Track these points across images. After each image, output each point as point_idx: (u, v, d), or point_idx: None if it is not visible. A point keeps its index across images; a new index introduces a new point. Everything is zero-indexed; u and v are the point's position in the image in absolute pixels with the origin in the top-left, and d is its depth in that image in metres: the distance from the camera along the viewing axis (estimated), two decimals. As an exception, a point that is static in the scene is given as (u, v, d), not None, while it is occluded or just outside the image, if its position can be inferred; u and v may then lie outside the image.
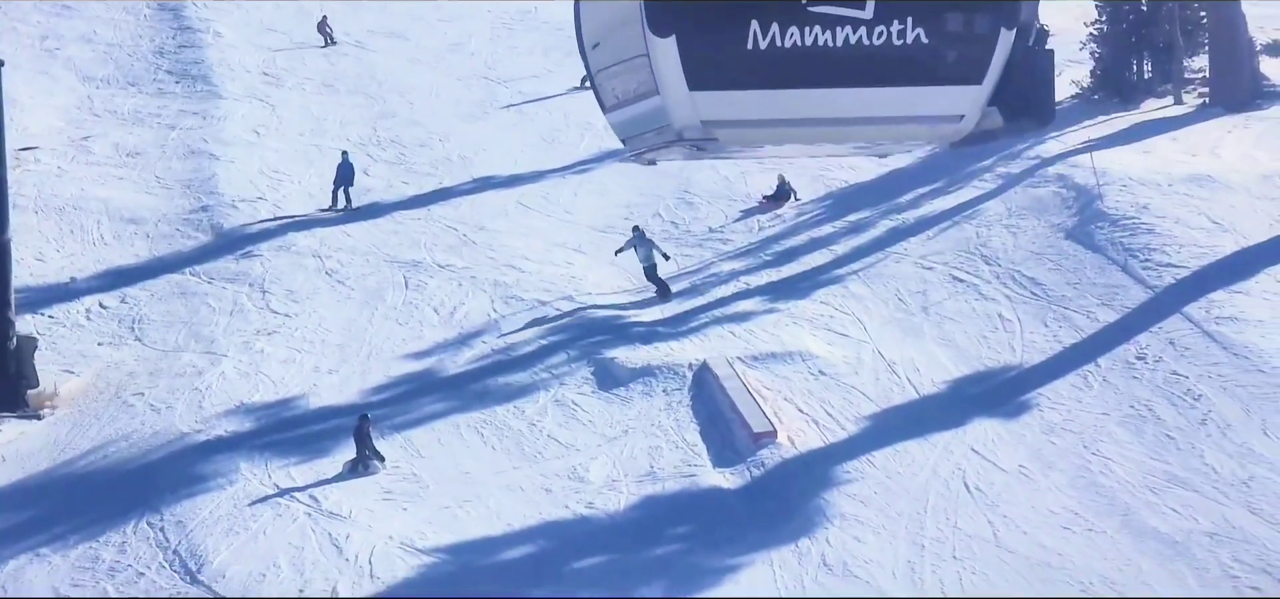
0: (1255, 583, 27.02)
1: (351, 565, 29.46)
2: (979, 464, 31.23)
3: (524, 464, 32.97)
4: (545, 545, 30.04)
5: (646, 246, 40.24)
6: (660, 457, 32.77)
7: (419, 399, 36.01)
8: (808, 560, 28.85)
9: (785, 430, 32.94)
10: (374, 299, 41.21)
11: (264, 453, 33.80)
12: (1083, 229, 40.15)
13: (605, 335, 38.03)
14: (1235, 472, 29.97)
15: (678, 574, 28.67)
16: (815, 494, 30.75)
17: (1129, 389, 33.23)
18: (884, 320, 37.77)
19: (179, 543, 30.66)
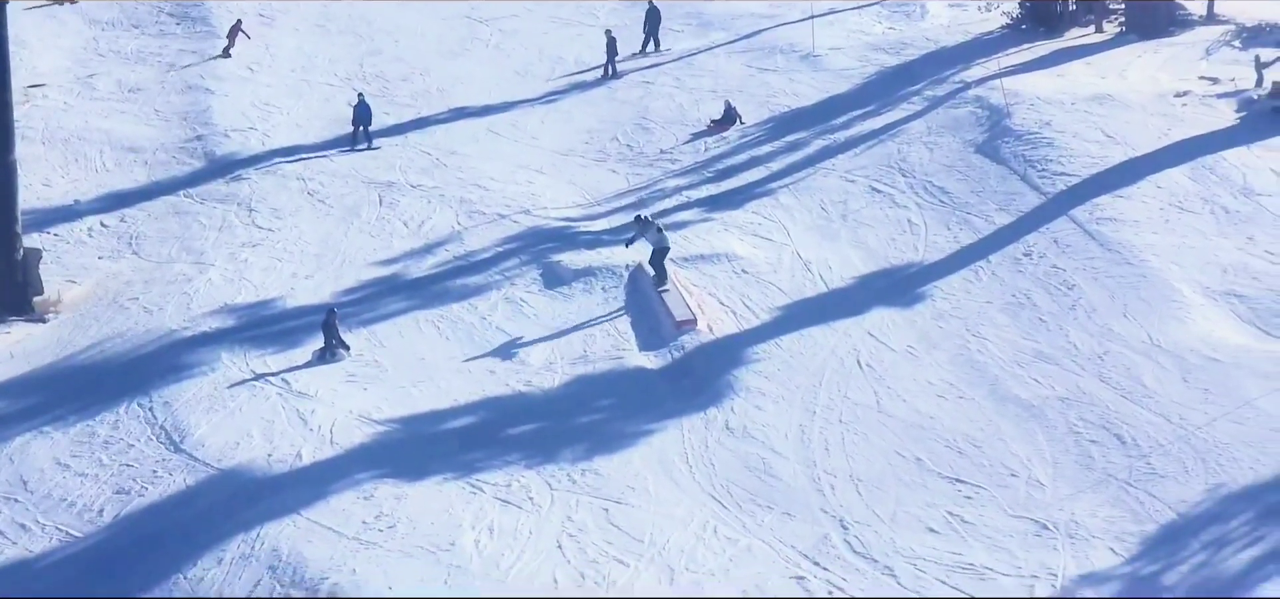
0: (1095, 437, 31.09)
1: (315, 435, 33.74)
2: (872, 345, 35.43)
3: (473, 351, 37.28)
4: (485, 416, 34.31)
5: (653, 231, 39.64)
6: (593, 343, 37.05)
7: (384, 299, 40.24)
8: (713, 426, 33.07)
9: (705, 320, 37.13)
10: (350, 215, 45.40)
11: (243, 345, 38.01)
12: (991, 144, 44.29)
13: (555, 243, 42.24)
14: (1093, 348, 34.12)
15: (598, 438, 32.94)
16: (726, 372, 34.91)
17: (1013, 281, 37.38)
18: (806, 227, 41.91)
19: (165, 420, 34.90)
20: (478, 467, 31.79)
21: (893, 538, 28.51)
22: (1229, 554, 27.05)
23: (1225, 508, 28.25)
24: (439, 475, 31.45)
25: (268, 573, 28.59)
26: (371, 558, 28.60)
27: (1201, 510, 28.35)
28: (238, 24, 58.91)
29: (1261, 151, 41.53)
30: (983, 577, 27.15)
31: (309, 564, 28.56)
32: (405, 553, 28.74)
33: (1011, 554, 27.74)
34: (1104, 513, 28.60)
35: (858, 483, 30.25)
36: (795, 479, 30.68)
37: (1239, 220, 38.52)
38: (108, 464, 33.10)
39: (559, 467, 31.68)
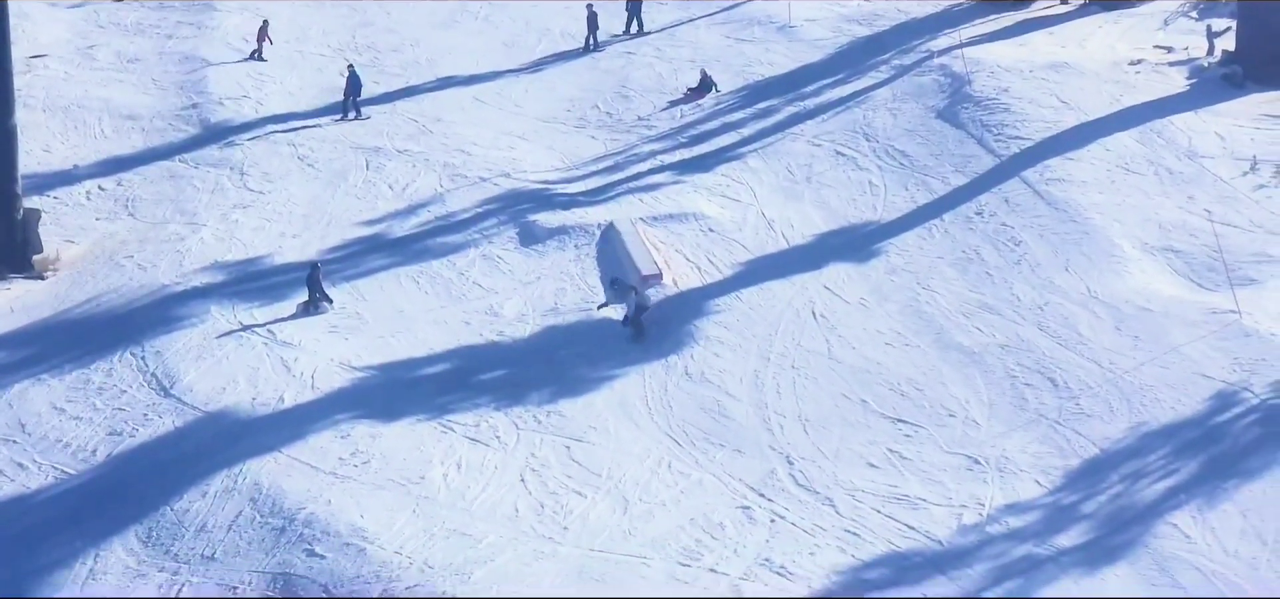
0: (1029, 380, 33.14)
1: (297, 380, 35.83)
2: (827, 297, 37.48)
3: (450, 304, 39.26)
4: (459, 363, 36.38)
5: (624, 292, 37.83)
6: (564, 296, 39.11)
7: (367, 256, 42.29)
8: (673, 371, 35.12)
9: (671, 273, 39.18)
10: (338, 178, 47.43)
11: (232, 299, 40.07)
12: (951, 110, 46.31)
13: (532, 204, 44.27)
14: (1035, 299, 36.17)
15: (564, 383, 35.01)
16: (688, 322, 36.95)
17: (964, 237, 39.42)
18: (772, 188, 43.94)
19: (156, 368, 36.98)
20: (449, 408, 33.76)
21: (835, 472, 30.48)
22: (1144, 485, 29.02)
23: (1144, 444, 30.25)
24: (412, 416, 33.43)
25: (249, 504, 30.63)
26: (346, 490, 30.63)
27: (1122, 446, 30.31)
28: (264, 25, 59.55)
29: (1208, 116, 43.47)
30: (915, 507, 29.11)
31: (287, 496, 30.59)
32: (377, 485, 30.76)
33: (944, 487, 29.72)
34: (1032, 449, 30.56)
35: (805, 423, 32.22)
36: (747, 419, 32.64)
37: (1181, 181, 40.49)
38: (101, 408, 35.03)
39: (525, 408, 33.68)
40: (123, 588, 28.84)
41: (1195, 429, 30.27)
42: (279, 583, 28.15)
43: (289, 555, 28.76)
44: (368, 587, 27.30)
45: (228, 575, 28.64)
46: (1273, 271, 35.79)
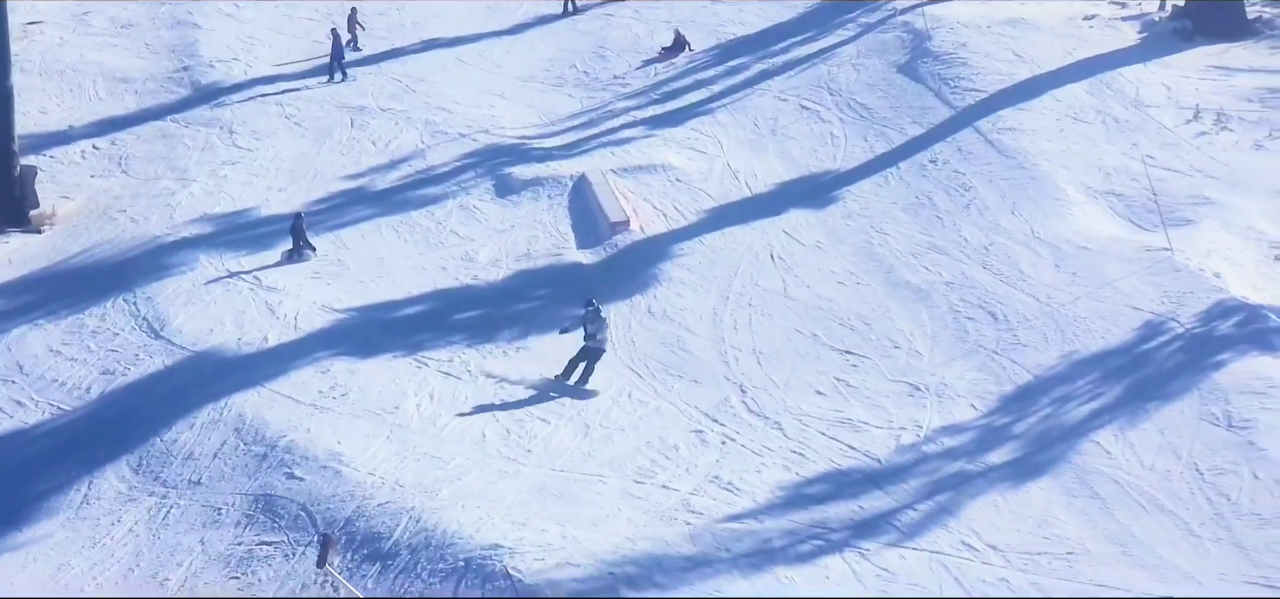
0: (971, 315, 35.18)
1: (281, 322, 37.89)
2: (785, 241, 39.50)
3: (428, 251, 41.28)
4: (435, 305, 38.43)
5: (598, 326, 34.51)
6: (537, 242, 41.15)
7: (350, 208, 44.33)
8: (637, 310, 37.17)
9: (638, 220, 41.21)
10: (323, 136, 49.44)
11: (220, 248, 42.12)
12: (911, 64, 48.30)
13: (509, 157, 46.29)
14: (981, 240, 38.18)
15: (533, 321, 37.06)
16: (653, 265, 38.98)
17: (917, 184, 41.43)
18: (738, 141, 45.95)
19: (147, 312, 39.03)
20: (424, 345, 35.81)
21: (784, 399, 32.53)
22: (1071, 408, 31.05)
23: (1074, 370, 32.28)
24: (389, 353, 35.48)
25: (233, 434, 32.69)
26: (324, 420, 32.69)
27: (1054, 373, 32.34)
28: (354, 13, 59.46)
29: (1156, 68, 45.48)
30: (858, 429, 31.15)
31: (269, 425, 32.64)
32: (354, 415, 32.83)
33: (886, 411, 31.75)
34: (970, 377, 32.60)
35: (759, 355, 34.27)
36: (705, 353, 34.68)
37: (1127, 129, 42.49)
38: (95, 350, 37.05)
39: (496, 345, 35.75)
40: (114, 511, 30.71)
41: (1122, 356, 32.17)
42: (260, 504, 30.03)
43: (270, 479, 30.72)
44: (343, 505, 29.25)
45: (212, 498, 30.61)
46: (1208, 213, 37.69)
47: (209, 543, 29.46)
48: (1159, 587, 25.26)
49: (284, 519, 29.31)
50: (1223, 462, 28.37)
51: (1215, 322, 32.73)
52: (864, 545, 27.20)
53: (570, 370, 33.75)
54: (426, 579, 26.85)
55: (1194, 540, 26.51)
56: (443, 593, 26.29)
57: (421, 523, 28.26)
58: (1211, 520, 26.95)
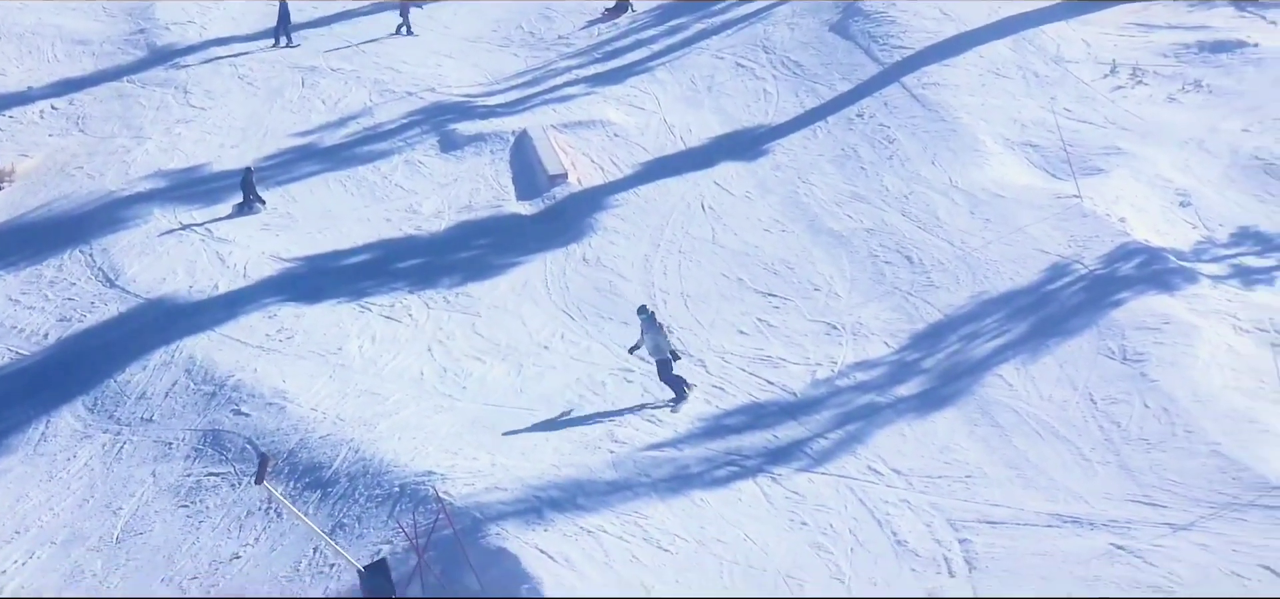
0: (889, 259, 37.01)
1: (231, 270, 39.61)
2: (716, 192, 41.30)
3: (373, 204, 43.01)
4: (378, 254, 40.16)
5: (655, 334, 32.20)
6: (478, 195, 42.90)
7: (299, 164, 46.02)
8: (572, 258, 38.94)
9: (576, 173, 42.98)
10: (275, 95, 51.07)
11: (173, 202, 43.79)
12: (843, 23, 50.06)
13: (454, 114, 47.98)
14: (901, 189, 40.01)
15: (473, 269, 38.81)
16: (589, 215, 40.75)
17: (844, 137, 43.24)
18: (675, 97, 47.68)
19: (103, 262, 40.72)
20: (367, 292, 37.60)
21: (708, 339, 34.35)
22: (978, 345, 32.91)
23: (983, 310, 34.14)
24: (333, 299, 37.26)
25: (184, 374, 34.45)
26: (270, 361, 34.46)
27: (963, 312, 34.20)
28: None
29: (1077, 25, 47.28)
30: (776, 366, 32.97)
31: (218, 366, 34.41)
32: (299, 357, 34.60)
33: (803, 349, 33.59)
34: (885, 316, 34.46)
35: (687, 298, 36.10)
36: (635, 297, 36.44)
37: (1046, 83, 44.34)
38: (52, 299, 38.75)
39: (437, 291, 37.51)
40: (70, 447, 32.46)
41: (1028, 297, 34.05)
42: (208, 438, 31.81)
43: (218, 415, 32.51)
44: (287, 438, 31.05)
45: (164, 434, 32.38)
46: (1118, 163, 39.55)
47: (160, 475, 31.17)
48: (1048, 505, 26.98)
49: (231, 452, 31.05)
50: (1116, 392, 30.14)
51: (1117, 263, 34.55)
52: (776, 471, 28.95)
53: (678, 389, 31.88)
54: (363, 504, 28.64)
55: (1084, 464, 28.31)
56: (379, 517, 27.97)
57: (360, 453, 30.00)
58: (1102, 445, 28.72)
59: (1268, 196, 37.81)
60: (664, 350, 31.51)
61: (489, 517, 27.33)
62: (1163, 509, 26.56)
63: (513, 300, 36.42)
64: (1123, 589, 24.26)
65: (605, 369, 33.03)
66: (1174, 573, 24.79)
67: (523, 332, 35.06)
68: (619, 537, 26.93)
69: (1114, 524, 26.31)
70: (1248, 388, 29.70)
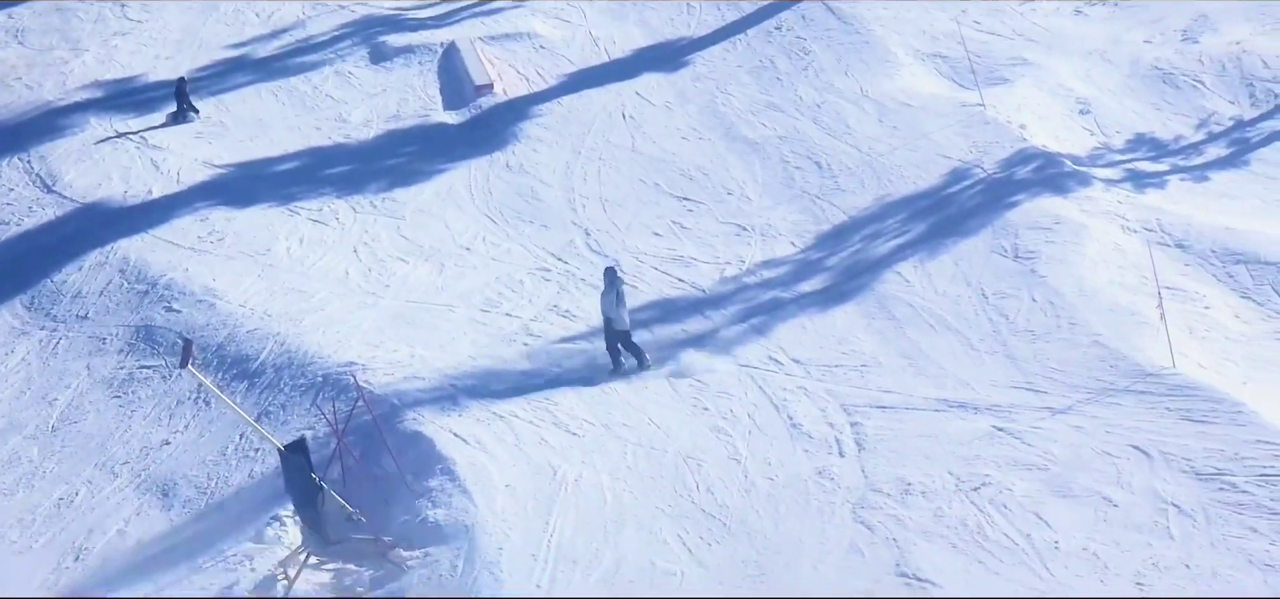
0: (799, 165, 38.59)
1: (164, 177, 40.94)
2: (637, 101, 42.76)
3: (304, 113, 44.32)
4: (309, 162, 41.53)
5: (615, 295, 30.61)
6: (406, 105, 44.26)
7: (232, 75, 47.23)
8: (496, 165, 40.37)
9: (502, 84, 44.37)
10: (210, 8, 52.13)
11: (109, 111, 45.01)
12: (765, -61, 51.46)
13: (383, 27, 49.22)
14: (814, 99, 41.54)
15: (399, 175, 40.20)
16: (513, 125, 42.16)
17: (762, 49, 44.71)
18: (601, 11, 48.98)
19: (40, 170, 41.98)
20: (296, 197, 38.98)
21: (624, 240, 35.89)
22: (879, 244, 34.54)
23: (885, 211, 35.77)
24: (263, 203, 38.66)
25: (118, 275, 35.84)
26: (202, 261, 35.87)
27: (867, 214, 35.81)
28: None
29: (991, -59, 48.79)
30: (688, 265, 34.54)
31: (151, 266, 35.81)
32: (229, 257, 36.02)
33: (714, 249, 35.15)
34: (793, 219, 36.05)
35: (605, 203, 37.61)
36: (555, 201, 37.98)
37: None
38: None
39: (363, 196, 38.92)
40: (8, 344, 33.89)
41: (929, 199, 35.70)
42: (141, 334, 33.26)
43: (150, 312, 33.95)
44: (216, 332, 32.55)
45: (98, 330, 33.82)
46: (1023, 73, 41.20)
47: (94, 368, 32.61)
48: (937, 392, 28.68)
49: (163, 346, 32.51)
50: (1006, 287, 31.84)
51: (1015, 168, 36.23)
52: (684, 361, 30.44)
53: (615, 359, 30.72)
54: (288, 393, 30.17)
55: (973, 353, 29.99)
56: (302, 405, 29.50)
57: (285, 346, 31.53)
58: (990, 336, 30.41)
59: (1164, 105, 39.43)
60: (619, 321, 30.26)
61: (406, 403, 28.81)
62: (1043, 395, 28.04)
63: (437, 205, 37.73)
64: (1000, 468, 25.77)
65: (524, 269, 34.49)
66: (1049, 452, 26.31)
67: (446, 234, 36.37)
68: (529, 421, 28.45)
69: (997, 408, 27.76)
70: (1131, 284, 31.27)
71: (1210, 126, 38.22)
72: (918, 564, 23.84)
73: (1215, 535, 23.81)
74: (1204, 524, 24.10)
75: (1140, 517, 24.44)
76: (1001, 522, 24.66)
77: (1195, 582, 22.80)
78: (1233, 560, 23.24)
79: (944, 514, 24.96)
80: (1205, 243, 33.18)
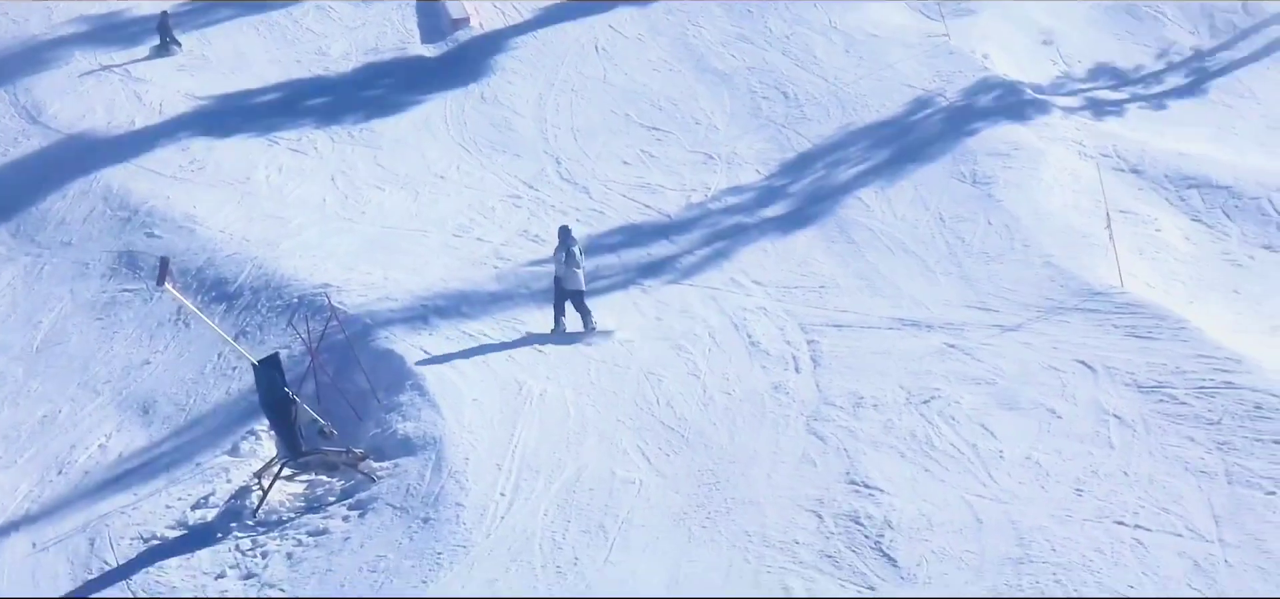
0: (767, 95, 39.52)
1: (147, 108, 41.87)
2: (610, 34, 43.63)
3: (285, 47, 45.21)
4: (288, 93, 42.44)
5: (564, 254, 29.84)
6: (384, 38, 45.15)
7: (214, 9, 48.06)
8: (471, 97, 41.27)
9: (478, 17, 45.25)
10: (192, -55, 53.03)
11: (93, 46, 45.90)
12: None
13: (364, -38, 50.09)
14: (784, 30, 42.40)
15: (377, 107, 41.11)
16: (489, 58, 43.06)
17: (733, -17, 45.56)
18: (577, -54, 49.86)
19: (26, 102, 42.93)
20: (276, 127, 39.93)
21: (594, 168, 36.85)
22: (841, 171, 35.48)
23: (849, 139, 36.70)
24: (244, 134, 39.61)
25: (101, 202, 36.82)
26: (183, 190, 36.84)
27: (831, 142, 36.75)
28: None
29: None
30: (655, 192, 35.49)
31: (133, 194, 36.77)
32: (210, 186, 36.99)
33: (681, 177, 36.11)
34: (759, 147, 36.99)
35: (576, 132, 38.55)
36: (528, 131, 38.92)
37: (927, -71, 46.69)
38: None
39: (342, 127, 39.87)
40: (-6, 269, 34.86)
41: (892, 127, 36.64)
42: (123, 259, 34.26)
43: (132, 238, 34.94)
44: (196, 257, 33.53)
45: (81, 256, 34.84)
46: (989, 4, 42.13)
47: (77, 292, 33.63)
48: (892, 311, 29.67)
49: (143, 270, 33.50)
50: (963, 211, 32.79)
51: (976, 96, 37.18)
52: (646, 283, 31.54)
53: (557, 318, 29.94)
54: (265, 314, 31.19)
55: (929, 275, 30.95)
56: (278, 325, 30.52)
57: (263, 269, 32.53)
58: (946, 258, 31.38)
59: (1126, 35, 40.36)
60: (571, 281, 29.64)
61: (379, 323, 29.82)
62: (995, 313, 29.01)
63: (413, 135, 38.67)
64: (950, 382, 26.75)
65: (496, 196, 35.44)
66: (998, 367, 27.25)
67: (421, 163, 37.30)
68: (497, 340, 29.49)
69: (949, 326, 28.74)
70: (1085, 208, 32.23)
71: (1170, 56, 39.14)
72: (866, 472, 24.68)
73: (1153, 444, 24.54)
74: (1143, 433, 24.84)
75: (1082, 427, 25.18)
76: (949, 432, 25.49)
77: (1132, 487, 23.60)
78: (1169, 468, 23.99)
79: (894, 426, 25.75)
80: (1159, 168, 33.97)
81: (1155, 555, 21.82)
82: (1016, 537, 22.49)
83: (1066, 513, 22.93)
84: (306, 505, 25.65)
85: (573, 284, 29.36)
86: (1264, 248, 31.15)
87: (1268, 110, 36.62)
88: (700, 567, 22.68)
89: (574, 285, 29.37)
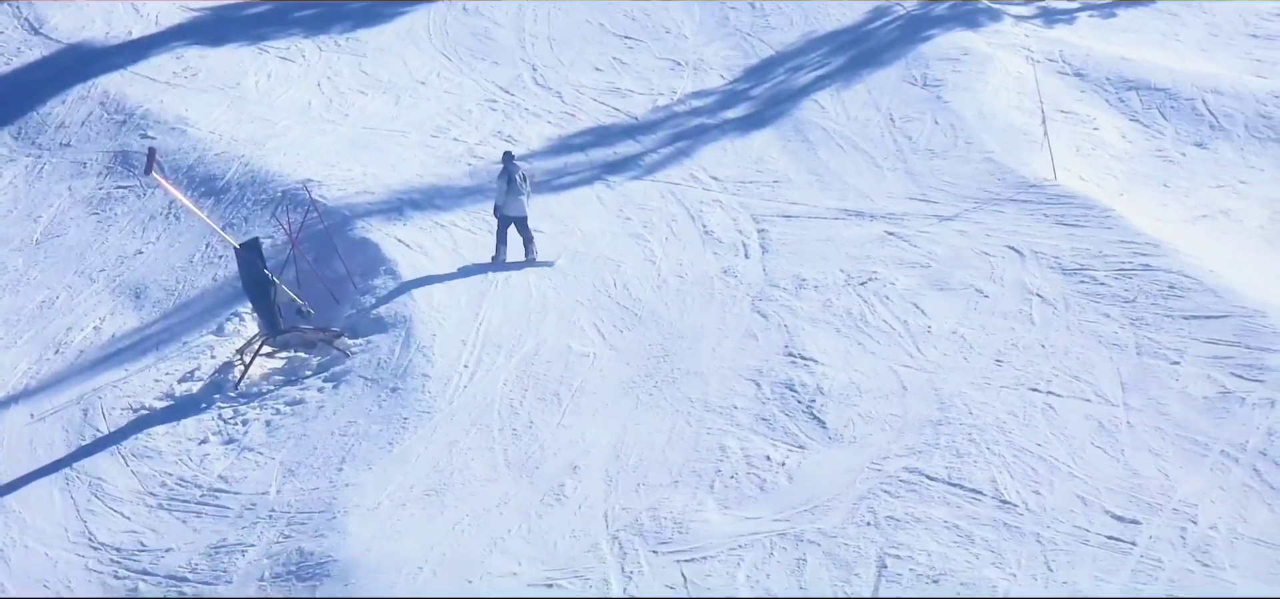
0: (734, 5, 41.39)
1: (144, 19, 43.80)
2: (588, -51, 45.37)
3: (277, -37, 47.09)
4: (279, 4, 44.33)
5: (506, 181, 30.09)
6: (372, -47, 46.92)
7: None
8: (453, 8, 42.85)
9: (462, -66, 46.99)
10: None
11: (93, -39, 47.83)
12: None
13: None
14: (753, -55, 44.18)
15: (362, 17, 42.83)
16: (471, -30, 44.88)
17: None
18: None
19: (29, 14, 44.82)
20: (266, 37, 41.85)
21: (567, 75, 38.77)
22: (800, 76, 37.38)
23: (809, 46, 38.59)
24: (235, 42, 41.53)
25: (98, 106, 38.82)
26: (176, 94, 38.84)
27: (793, 49, 38.62)
28: None
29: None
30: (624, 96, 37.41)
31: (129, 99, 38.80)
32: (201, 91, 38.98)
33: (649, 81, 38.04)
34: (724, 54, 38.89)
35: (552, 41, 40.47)
36: (506, 41, 40.80)
37: None
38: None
39: (329, 36, 41.79)
40: (-3, 169, 36.93)
41: (851, 34, 38.51)
42: (118, 158, 36.32)
43: (127, 139, 36.97)
44: (186, 155, 35.57)
45: (79, 156, 36.88)
46: (948, -81, 43.83)
47: (75, 189, 35.70)
48: (838, 202, 31.65)
49: (137, 169, 35.52)
50: (912, 112, 34.69)
51: (931, 4, 39.04)
52: (611, 179, 33.52)
53: (499, 247, 30.17)
54: (250, 207, 33.25)
55: (875, 170, 32.90)
56: (262, 217, 32.58)
57: (249, 166, 34.58)
58: (893, 155, 33.32)
59: (1080, -54, 42.09)
60: (511, 209, 29.75)
61: (357, 214, 31.86)
62: (934, 204, 30.98)
63: (397, 44, 40.57)
64: (887, 265, 28.75)
65: (473, 100, 37.40)
66: (932, 252, 29.24)
67: (403, 70, 39.25)
68: (468, 230, 31.49)
69: (891, 216, 30.73)
70: (1027, 108, 34.10)
71: (1122, -34, 40.88)
72: (804, 345, 26.68)
73: (1072, 321, 26.50)
74: (1063, 311, 26.81)
75: (1007, 305, 27.15)
76: (883, 310, 27.50)
77: (1048, 358, 25.57)
78: (1084, 341, 25.96)
79: (832, 305, 27.74)
80: (1102, 71, 35.83)
81: (1063, 418, 23.71)
82: (938, 402, 24.40)
83: (985, 380, 24.80)
84: (285, 379, 27.61)
85: (515, 211, 29.40)
86: (1195, 145, 32.91)
87: (1213, 18, 38.32)
88: (645, 429, 24.67)
89: (517, 212, 29.42)
